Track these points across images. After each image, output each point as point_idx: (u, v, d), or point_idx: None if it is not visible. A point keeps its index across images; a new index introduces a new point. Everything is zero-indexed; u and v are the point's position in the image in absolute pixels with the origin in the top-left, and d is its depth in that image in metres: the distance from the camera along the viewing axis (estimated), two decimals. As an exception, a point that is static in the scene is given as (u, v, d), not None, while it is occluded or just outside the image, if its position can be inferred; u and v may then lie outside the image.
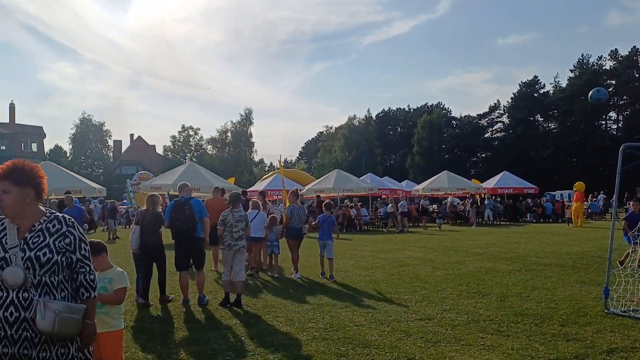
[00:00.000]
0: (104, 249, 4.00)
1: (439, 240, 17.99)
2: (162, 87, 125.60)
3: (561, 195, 42.36)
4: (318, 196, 25.18)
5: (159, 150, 77.70)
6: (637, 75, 64.09)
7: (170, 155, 76.47)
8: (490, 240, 16.94)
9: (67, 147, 75.44)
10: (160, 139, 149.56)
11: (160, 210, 8.37)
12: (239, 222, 7.98)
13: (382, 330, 6.01)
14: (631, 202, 10.62)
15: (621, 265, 8.64)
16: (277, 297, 8.15)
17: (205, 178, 21.18)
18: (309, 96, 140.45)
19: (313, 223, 12.39)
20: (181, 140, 78.66)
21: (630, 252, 9.23)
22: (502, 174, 33.33)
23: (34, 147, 61.99)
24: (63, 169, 21.70)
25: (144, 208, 8.25)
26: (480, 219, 27.68)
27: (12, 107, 61.63)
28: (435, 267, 11.22)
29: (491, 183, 31.99)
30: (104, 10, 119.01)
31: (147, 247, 7.86)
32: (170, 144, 79.08)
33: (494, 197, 30.84)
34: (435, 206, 32.18)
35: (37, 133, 63.48)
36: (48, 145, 72.07)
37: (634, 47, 64.46)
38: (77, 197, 20.35)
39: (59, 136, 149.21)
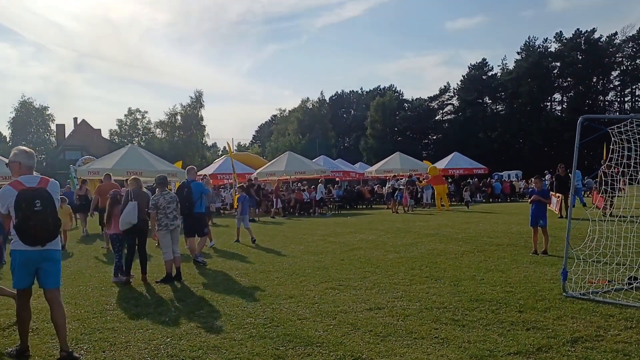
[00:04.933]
0: None
1: (392, 222, 17.64)
2: (108, 69, 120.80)
3: (508, 175, 43.28)
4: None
5: (105, 135, 74.58)
6: (580, 57, 65.92)
7: (117, 140, 73.49)
8: (443, 221, 16.71)
9: (6, 132, 71.46)
10: (106, 123, 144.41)
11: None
12: (171, 204, 8.49)
13: (328, 323, 5.42)
14: (533, 179, 10.76)
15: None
16: (214, 290, 7.44)
17: (148, 161, 20.03)
18: (262, 79, 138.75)
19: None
20: (128, 123, 75.72)
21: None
22: (452, 154, 33.46)
23: (-33, 132, 58.14)
24: (-10, 153, 20.04)
25: (134, 187, 8.58)
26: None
27: (-60, 89, 57.46)
28: (387, 250, 10.76)
29: (442, 164, 31.94)
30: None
31: (137, 224, 8.25)
32: (116, 127, 76.08)
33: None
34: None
35: (-30, 117, 59.58)
36: (-16, 131, 68.02)
37: (578, 29, 66.42)
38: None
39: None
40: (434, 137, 79.77)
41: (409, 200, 23.98)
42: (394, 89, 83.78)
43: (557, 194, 16.04)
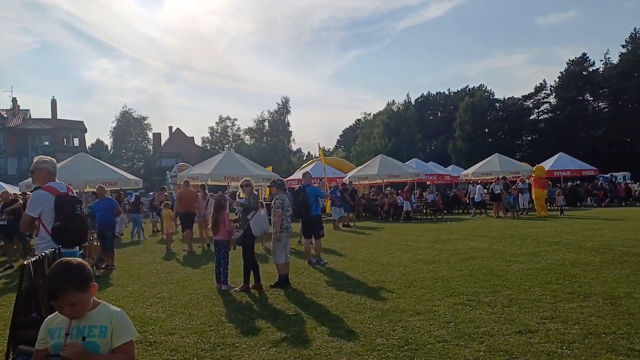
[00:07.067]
0: (91, 277, 2.22)
1: (500, 228, 16.37)
2: (198, 80, 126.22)
3: (615, 177, 39.59)
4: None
5: (198, 142, 77.74)
6: (697, 47, 59.61)
7: (208, 147, 76.27)
8: (560, 228, 15.22)
9: (108, 141, 76.46)
10: (198, 130, 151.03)
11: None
12: (290, 207, 8.53)
13: (475, 349, 4.64)
14: None
15: None
16: (331, 302, 6.87)
17: (244, 166, 20.08)
18: (345, 84, 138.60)
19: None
20: (219, 131, 78.42)
21: None
22: (557, 155, 31.00)
23: (76, 141, 62.74)
24: (97, 160, 20.98)
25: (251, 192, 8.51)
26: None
27: (54, 103, 62.40)
28: (508, 260, 9.73)
29: (546, 165, 29.63)
30: (140, 7, 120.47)
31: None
32: (208, 135, 79.00)
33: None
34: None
35: (79, 128, 64.21)
36: (89, 140, 73.12)
37: (695, 17, 59.90)
38: (112, 189, 19.61)
39: (100, 132, 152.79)
40: (529, 138, 75.40)
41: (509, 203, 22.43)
42: (484, 88, 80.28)
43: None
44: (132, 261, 12.04)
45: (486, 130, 74.33)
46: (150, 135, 77.77)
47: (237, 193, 13.89)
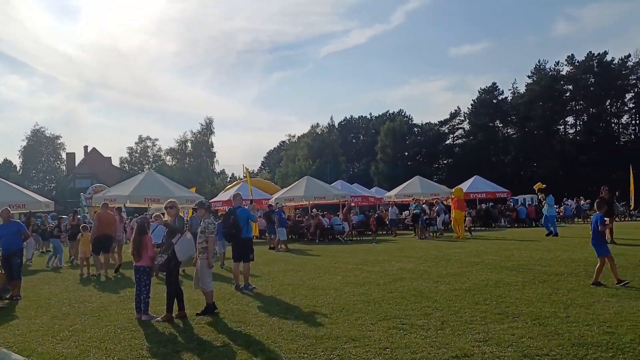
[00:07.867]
0: None
1: (423, 249, 16.69)
2: (117, 98, 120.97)
3: (524, 199, 42.19)
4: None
5: (115, 162, 74.32)
6: (592, 80, 65.25)
7: (127, 167, 73.15)
8: (480, 248, 15.75)
9: (17, 161, 71.39)
10: (116, 150, 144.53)
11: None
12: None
13: (415, 376, 4.53)
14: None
15: None
16: (261, 330, 6.55)
17: (166, 187, 19.26)
18: (268, 106, 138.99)
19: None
20: (138, 151, 75.50)
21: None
22: (473, 178, 32.50)
23: (-22, 160, 58.03)
24: (4, 181, 19.29)
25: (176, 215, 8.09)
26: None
27: (-47, 119, 57.48)
28: (435, 280, 9.85)
29: (462, 188, 31.02)
30: (53, 22, 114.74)
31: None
32: (127, 155, 75.80)
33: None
34: (406, 213, 30.87)
35: (-18, 146, 59.50)
36: (-4, 160, 67.89)
37: (590, 52, 65.78)
38: (21, 212, 18.17)
39: (7, 151, 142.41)
40: (445, 162, 78.88)
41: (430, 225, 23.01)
42: (403, 113, 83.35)
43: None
44: (41, 290, 11.04)
45: (406, 153, 76.99)
46: (64, 155, 73.52)
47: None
